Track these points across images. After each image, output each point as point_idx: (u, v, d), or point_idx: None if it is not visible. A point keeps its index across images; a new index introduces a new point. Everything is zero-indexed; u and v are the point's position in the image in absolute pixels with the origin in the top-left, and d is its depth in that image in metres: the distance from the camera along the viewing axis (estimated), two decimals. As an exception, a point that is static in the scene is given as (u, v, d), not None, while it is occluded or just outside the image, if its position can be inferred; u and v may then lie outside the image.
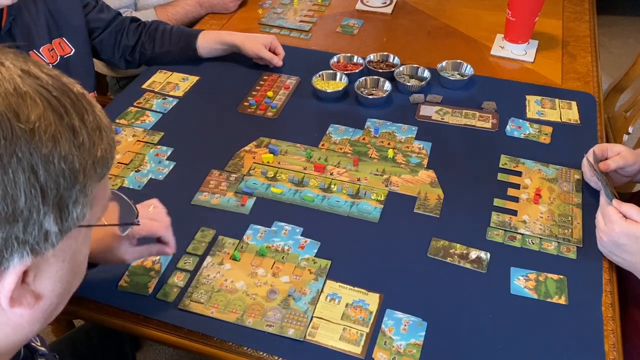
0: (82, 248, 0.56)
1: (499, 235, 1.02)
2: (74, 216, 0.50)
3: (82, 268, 0.58)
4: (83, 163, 0.49)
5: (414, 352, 0.84)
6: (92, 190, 0.51)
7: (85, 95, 0.53)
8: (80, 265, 0.57)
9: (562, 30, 1.64)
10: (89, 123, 0.51)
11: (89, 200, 0.51)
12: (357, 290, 0.93)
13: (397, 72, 1.41)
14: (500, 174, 1.15)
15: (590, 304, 0.91)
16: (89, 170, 0.50)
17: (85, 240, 0.56)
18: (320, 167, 1.16)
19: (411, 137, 1.25)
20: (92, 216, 0.54)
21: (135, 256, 0.89)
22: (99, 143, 0.51)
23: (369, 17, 1.74)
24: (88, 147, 0.50)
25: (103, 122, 0.53)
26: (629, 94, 1.71)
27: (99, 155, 0.51)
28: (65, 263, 0.53)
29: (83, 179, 0.49)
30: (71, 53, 1.32)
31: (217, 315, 0.89)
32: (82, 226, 0.52)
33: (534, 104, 1.34)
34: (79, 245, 0.54)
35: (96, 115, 0.52)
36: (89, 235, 0.57)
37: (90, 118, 0.51)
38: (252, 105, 1.35)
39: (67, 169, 0.47)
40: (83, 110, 0.51)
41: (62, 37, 1.31)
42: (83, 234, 0.55)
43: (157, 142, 1.24)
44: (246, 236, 1.02)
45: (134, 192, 1.12)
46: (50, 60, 1.27)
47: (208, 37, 1.47)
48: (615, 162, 1.05)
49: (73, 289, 0.58)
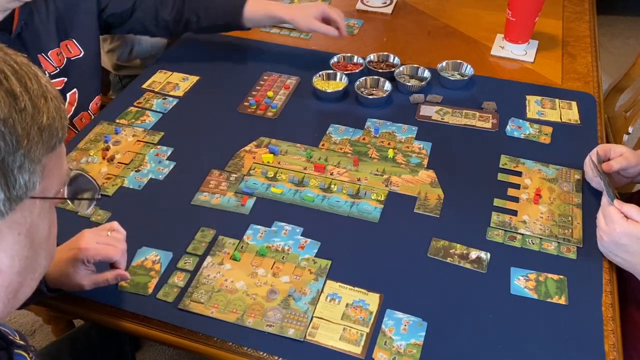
0: (39, 223, 0.55)
1: (499, 235, 1.02)
2: (21, 183, 0.50)
3: (46, 248, 0.58)
4: (26, 128, 0.50)
5: (414, 352, 0.84)
6: (41, 158, 0.52)
7: (31, 66, 0.54)
8: (41, 244, 0.57)
9: (562, 30, 1.64)
10: (32, 90, 0.51)
11: (38, 169, 0.52)
12: (357, 290, 0.93)
13: (397, 72, 1.41)
14: (500, 174, 1.15)
15: (590, 304, 0.91)
16: (34, 136, 0.50)
17: (42, 215, 0.56)
18: (320, 167, 1.16)
19: (411, 137, 1.25)
20: (45, 188, 0.54)
21: (92, 282, 0.87)
22: (44, 110, 0.52)
23: (369, 17, 1.74)
24: (31, 113, 0.50)
25: (50, 92, 0.54)
26: (629, 94, 1.71)
27: (44, 122, 0.51)
28: (22, 237, 0.53)
29: (27, 144, 0.50)
30: (80, 55, 1.32)
31: (217, 315, 0.89)
32: (35, 197, 0.53)
33: (534, 104, 1.34)
34: (35, 219, 0.54)
35: (41, 84, 0.53)
36: (49, 212, 0.57)
37: (35, 86, 0.52)
38: (252, 105, 1.35)
39: (7, 132, 0.48)
40: (26, 77, 0.51)
41: (72, 39, 1.31)
42: (39, 207, 0.55)
43: (157, 142, 1.24)
44: (246, 236, 1.02)
45: (134, 192, 1.12)
46: (58, 64, 1.27)
47: (256, 8, 1.38)
48: (618, 163, 1.05)
49: (39, 270, 0.58)
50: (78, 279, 0.86)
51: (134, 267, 0.97)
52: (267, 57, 1.53)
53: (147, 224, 1.05)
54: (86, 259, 0.86)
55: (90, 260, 0.87)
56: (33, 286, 0.59)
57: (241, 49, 1.58)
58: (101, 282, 0.89)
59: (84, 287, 0.87)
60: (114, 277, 0.89)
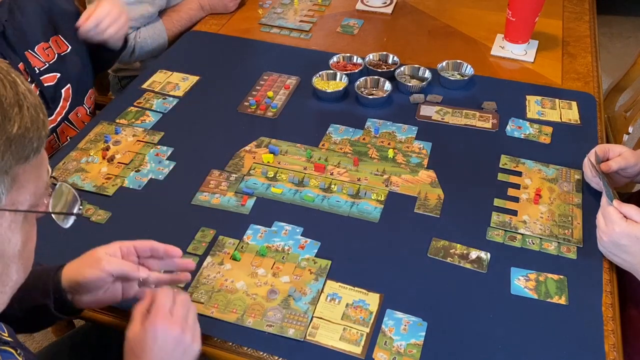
0: (10, 236, 0.53)
1: (499, 235, 1.02)
2: None
3: (19, 262, 0.56)
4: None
5: (414, 352, 0.84)
6: (8, 170, 0.50)
7: (10, 72, 0.52)
8: (13, 257, 0.54)
9: (562, 30, 1.64)
10: (4, 98, 0.49)
11: (6, 180, 0.50)
12: (357, 290, 0.93)
13: (398, 72, 1.41)
14: (500, 174, 1.15)
15: (590, 304, 0.91)
16: (1, 146, 0.49)
17: (14, 228, 0.53)
18: (320, 167, 1.16)
19: (411, 137, 1.25)
20: (16, 200, 0.52)
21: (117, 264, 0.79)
22: (16, 119, 0.50)
23: (369, 17, 1.74)
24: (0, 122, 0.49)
25: (27, 100, 0.52)
26: (629, 94, 1.71)
27: (14, 132, 0.50)
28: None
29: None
30: (68, 50, 1.32)
31: (217, 315, 0.89)
32: (3, 210, 0.51)
33: (534, 104, 1.34)
34: (4, 232, 0.52)
35: (18, 92, 0.51)
36: (23, 225, 0.55)
37: (9, 94, 0.50)
38: (252, 105, 1.35)
39: None
40: (1, 85, 0.50)
41: (58, 35, 1.32)
42: (9, 220, 0.53)
43: (157, 142, 1.24)
44: (246, 236, 1.02)
45: (134, 192, 1.12)
46: (47, 59, 1.27)
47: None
48: (617, 163, 1.05)
49: (10, 284, 0.56)
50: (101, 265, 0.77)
51: (134, 267, 0.96)
52: (267, 57, 1.53)
53: (147, 224, 1.05)
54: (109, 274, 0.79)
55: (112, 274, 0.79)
56: (4, 299, 0.57)
57: (241, 49, 1.58)
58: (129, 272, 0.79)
59: (105, 268, 0.78)
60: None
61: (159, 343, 0.72)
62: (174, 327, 0.73)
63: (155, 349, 0.72)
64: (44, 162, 0.56)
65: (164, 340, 0.72)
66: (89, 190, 1.11)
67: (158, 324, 0.73)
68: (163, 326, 0.73)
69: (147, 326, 0.73)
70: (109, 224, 1.05)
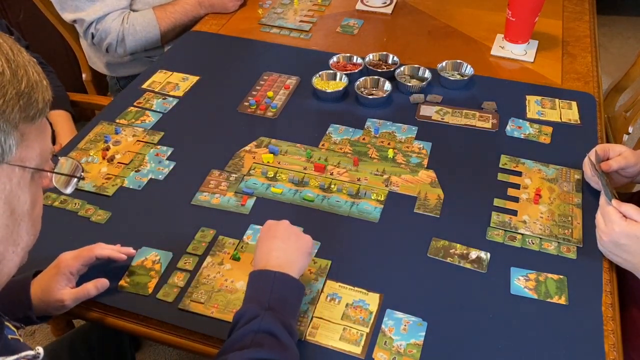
0: (19, 194, 0.57)
1: (499, 235, 1.02)
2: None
3: (29, 221, 0.60)
4: (2, 89, 0.53)
5: (414, 352, 0.84)
6: (18, 124, 0.54)
7: (16, 45, 0.57)
8: (22, 215, 0.58)
9: (562, 30, 1.64)
10: (12, 61, 0.54)
11: (15, 134, 0.54)
12: (357, 290, 0.93)
13: (397, 72, 1.41)
14: (500, 174, 1.15)
15: (590, 304, 0.91)
16: (10, 100, 0.53)
17: (23, 186, 0.57)
18: (320, 167, 1.16)
19: (411, 137, 1.25)
20: (25, 158, 0.57)
21: (73, 296, 0.86)
22: (24, 79, 0.55)
23: (369, 17, 1.74)
24: (9, 78, 0.53)
25: (32, 67, 0.57)
26: (629, 94, 1.71)
27: (22, 88, 0.54)
28: (0, 203, 0.55)
29: (2, 105, 0.53)
30: None
31: (217, 315, 0.89)
32: (14, 165, 0.55)
33: (534, 104, 1.34)
34: (14, 188, 0.56)
35: (25, 59, 0.56)
36: (30, 185, 0.59)
37: (18, 59, 0.55)
38: (252, 105, 1.35)
39: None
40: (9, 50, 0.55)
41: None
42: (18, 176, 0.57)
43: (157, 142, 1.24)
44: (246, 236, 1.02)
45: (134, 192, 1.12)
46: None
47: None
48: (617, 162, 1.05)
49: (21, 244, 0.60)
50: (59, 294, 0.85)
51: (134, 267, 0.97)
52: (267, 57, 1.53)
53: (147, 224, 1.05)
54: (67, 269, 0.86)
55: (71, 269, 0.87)
56: (16, 261, 0.60)
57: (241, 49, 1.58)
58: (82, 296, 0.87)
59: (65, 302, 0.85)
60: (94, 286, 0.88)
61: (273, 227, 0.89)
62: (281, 222, 0.91)
63: (272, 230, 0.89)
64: (48, 130, 0.61)
65: (276, 225, 0.90)
66: (88, 190, 1.12)
67: (268, 221, 0.92)
68: (272, 222, 0.91)
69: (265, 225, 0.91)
70: (109, 224, 1.05)
